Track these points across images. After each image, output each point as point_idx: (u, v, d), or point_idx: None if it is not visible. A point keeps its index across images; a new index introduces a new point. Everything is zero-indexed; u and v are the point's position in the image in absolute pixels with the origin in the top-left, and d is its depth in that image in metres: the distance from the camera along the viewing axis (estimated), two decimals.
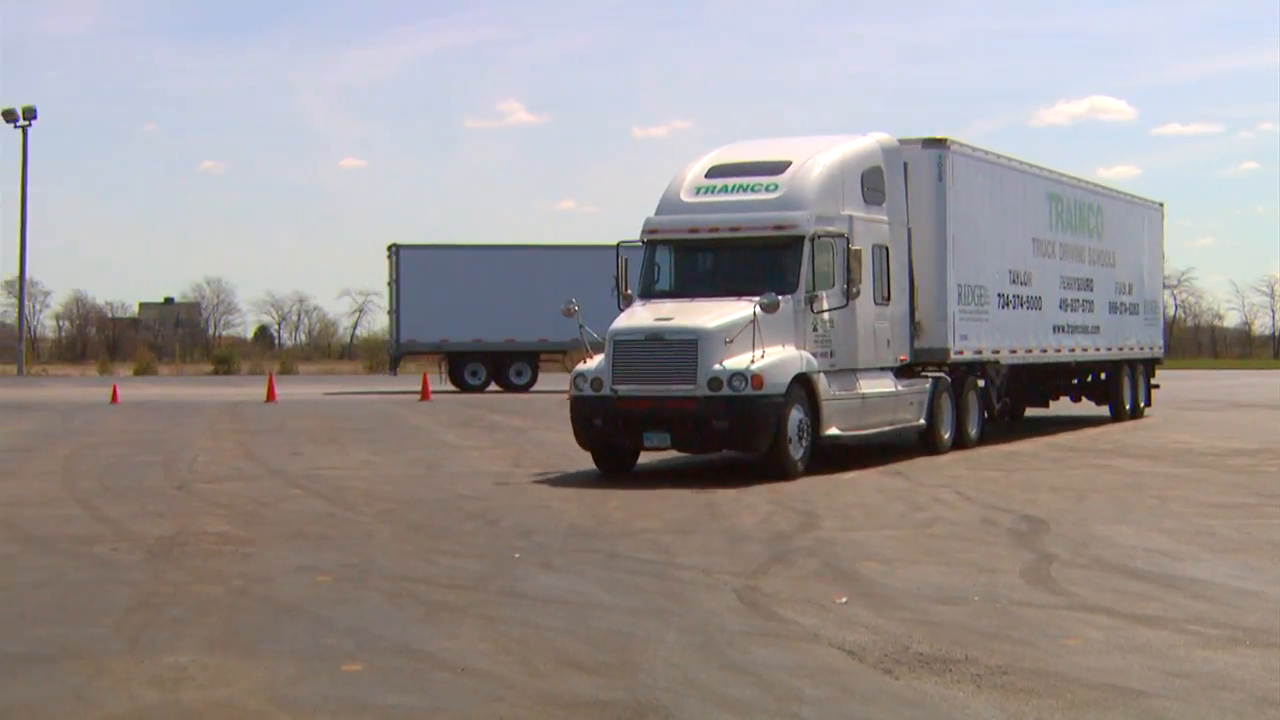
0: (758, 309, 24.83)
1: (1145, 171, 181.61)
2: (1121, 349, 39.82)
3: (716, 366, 24.58)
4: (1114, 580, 14.39)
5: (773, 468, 25.01)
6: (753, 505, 20.89)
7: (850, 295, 26.67)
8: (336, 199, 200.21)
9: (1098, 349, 38.22)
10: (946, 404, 30.46)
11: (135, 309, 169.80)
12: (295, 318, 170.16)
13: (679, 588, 14.11)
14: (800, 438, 25.31)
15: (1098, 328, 38.17)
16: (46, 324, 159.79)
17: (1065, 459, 28.65)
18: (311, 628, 12.30)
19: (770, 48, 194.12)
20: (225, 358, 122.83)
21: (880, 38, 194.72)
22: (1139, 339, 41.26)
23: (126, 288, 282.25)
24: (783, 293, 25.82)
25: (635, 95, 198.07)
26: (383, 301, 74.67)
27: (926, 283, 29.88)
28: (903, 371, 29.44)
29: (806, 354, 25.87)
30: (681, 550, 16.45)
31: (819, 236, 26.46)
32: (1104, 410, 40.63)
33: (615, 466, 26.27)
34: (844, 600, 13.33)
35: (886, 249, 28.59)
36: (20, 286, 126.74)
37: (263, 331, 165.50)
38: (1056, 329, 35.43)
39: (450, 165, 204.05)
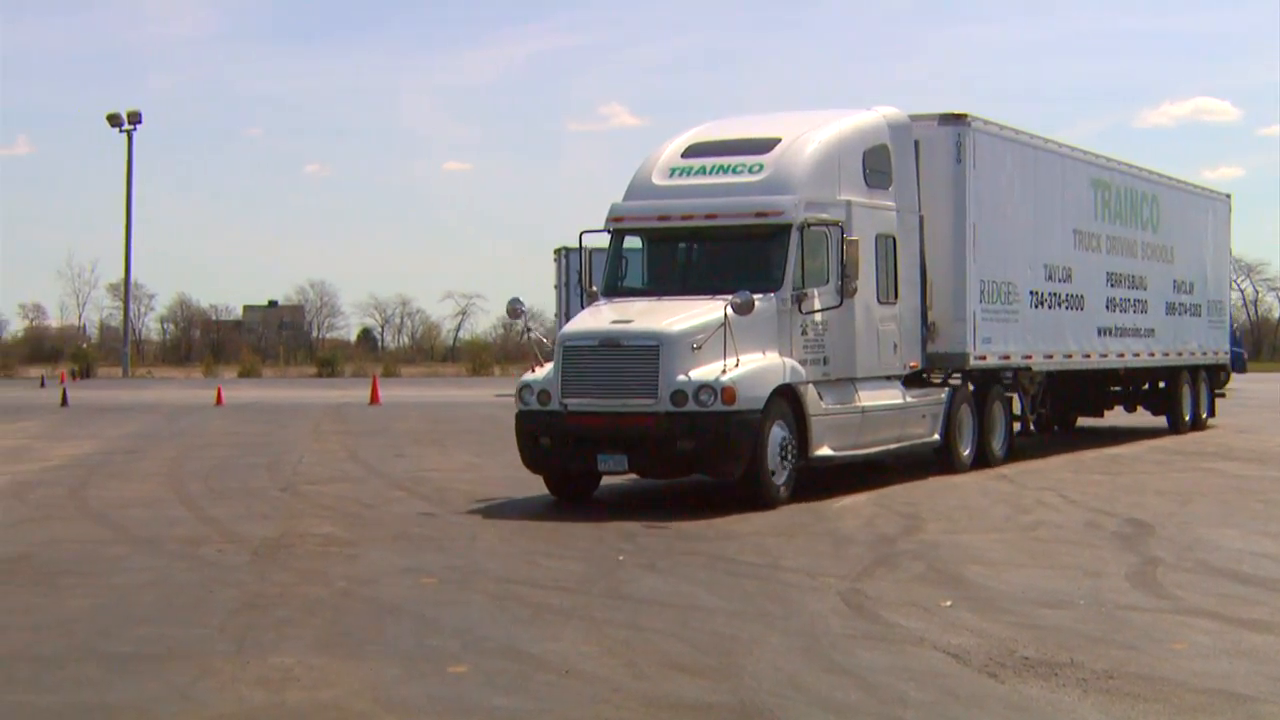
0: (729, 310, 19.89)
1: (1249, 172, 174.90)
2: (1180, 354, 34.34)
3: (681, 377, 19.90)
4: (1220, 584, 14.01)
5: (748, 495, 20.36)
6: (856, 508, 20.21)
7: (846, 293, 21.70)
8: (440, 202, 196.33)
9: (1151, 354, 32.78)
10: (967, 417, 25.39)
11: (239, 312, 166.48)
12: (398, 320, 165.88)
13: (783, 590, 13.78)
14: (783, 460, 20.59)
15: (1152, 330, 32.77)
16: (151, 327, 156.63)
17: (1170, 462, 27.12)
18: (416, 629, 12.05)
19: (872, 49, 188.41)
20: (328, 360, 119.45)
21: (982, 39, 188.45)
22: (1201, 343, 35.77)
23: (231, 290, 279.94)
24: (765, 290, 21.14)
25: (737, 97, 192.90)
26: (486, 304, 69.93)
27: (942, 279, 24.81)
28: (914, 380, 24.37)
29: (792, 361, 21.07)
30: (785, 553, 16.10)
31: (809, 225, 21.59)
32: (1162, 421, 35.39)
33: (571, 492, 21.42)
34: (949, 603, 12.96)
35: (893, 239, 23.54)
36: (126, 290, 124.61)
37: (366, 334, 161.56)
38: (1102, 331, 30.14)
39: (553, 168, 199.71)
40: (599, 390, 20.41)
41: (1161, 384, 34.75)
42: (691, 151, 22.78)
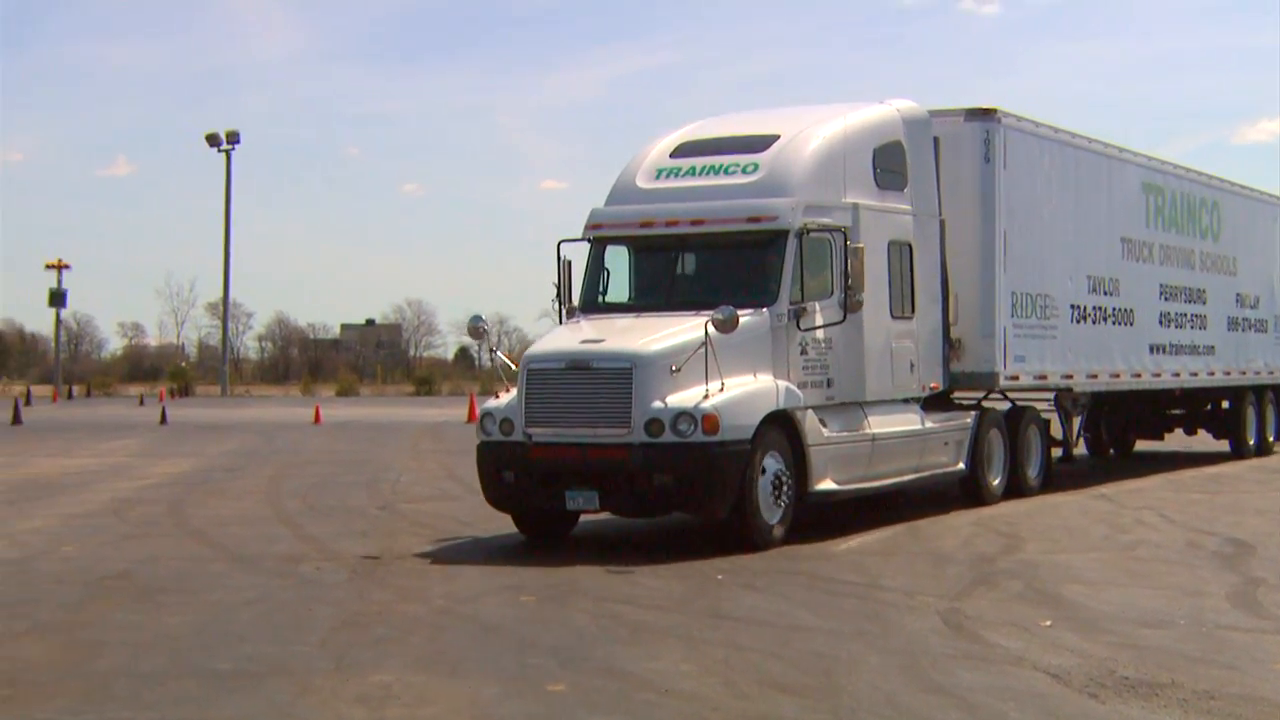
0: (710, 327, 16.81)
1: None
2: (1244, 373, 30.69)
3: (657, 404, 16.94)
4: None
5: (736, 536, 17.33)
6: (955, 527, 19.31)
7: (850, 307, 18.53)
8: (537, 220, 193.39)
9: (1211, 373, 29.21)
10: (996, 443, 22.08)
11: (337, 330, 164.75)
12: (496, 339, 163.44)
13: (882, 610, 13.36)
14: (777, 496, 17.58)
15: (1211, 347, 29.19)
16: (249, 345, 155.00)
17: (1271, 480, 26.05)
18: (515, 647, 11.70)
19: (970, 66, 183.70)
20: (426, 379, 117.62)
21: (1082, 57, 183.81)
22: (1267, 361, 32.05)
23: (328, 309, 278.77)
24: (758, 304, 18.15)
25: None
26: None
27: (968, 291, 21.53)
28: (935, 403, 21.06)
29: (788, 384, 18.02)
30: (884, 572, 15.62)
31: (809, 231, 18.47)
32: (1225, 446, 31.69)
33: (543, 530, 18.36)
34: (1048, 623, 12.58)
35: (909, 247, 20.30)
36: (224, 308, 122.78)
37: (463, 353, 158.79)
38: (1154, 349, 26.67)
39: None
40: (566, 419, 17.43)
41: (1225, 405, 31.08)
42: (681, 151, 19.68)
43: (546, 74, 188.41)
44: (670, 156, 19.59)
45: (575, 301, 19.51)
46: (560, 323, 19.45)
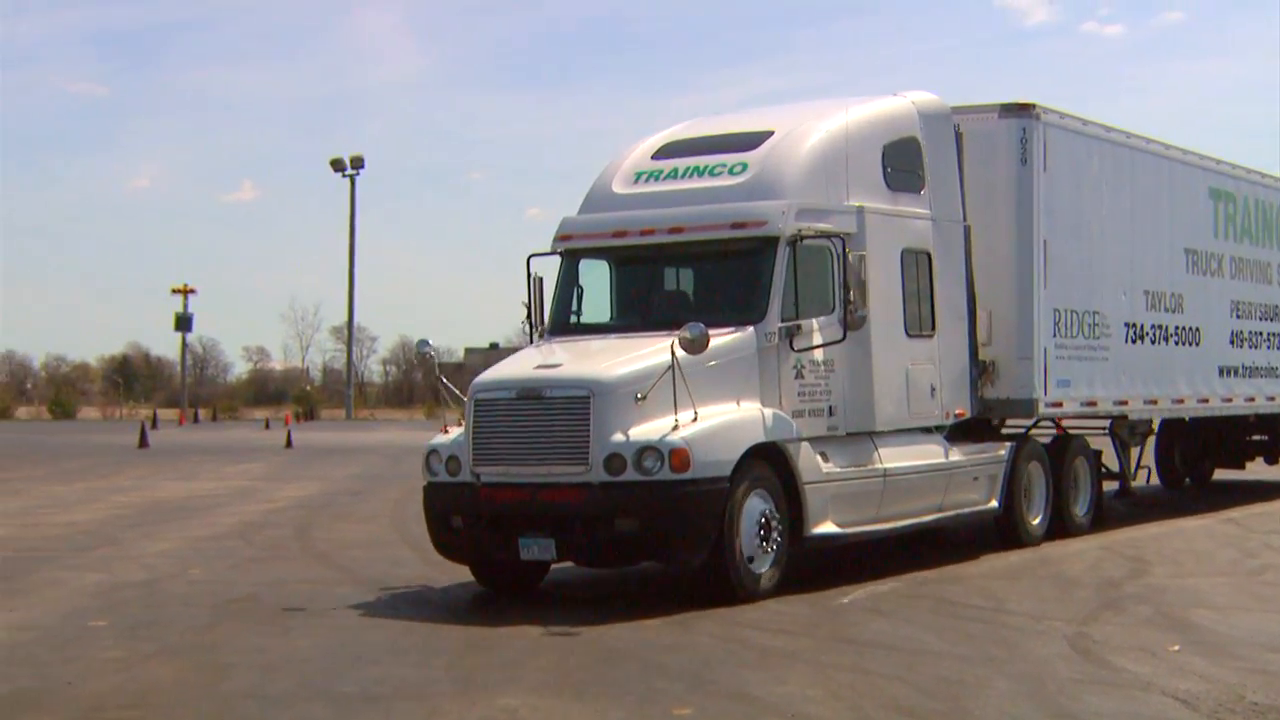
0: (677, 348, 13.87)
1: None
2: None
3: (618, 437, 14.14)
4: None
5: (716, 589, 14.46)
6: (1080, 551, 18.25)
7: (850, 323, 15.40)
8: None
9: None
10: (1037, 477, 18.88)
11: (460, 354, 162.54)
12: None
13: (1009, 634, 12.70)
14: (764, 540, 14.67)
15: None
16: (374, 369, 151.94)
17: None
18: (642, 671, 11.27)
19: (1094, 86, 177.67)
20: None
21: (1210, 75, 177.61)
22: None
23: (452, 333, 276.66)
24: (744, 321, 15.28)
25: None
26: None
27: (1003, 306, 18.38)
28: (962, 432, 17.87)
29: (777, 412, 15.12)
30: (1010, 596, 14.84)
31: (803, 238, 15.47)
32: None
33: (505, 581, 15.53)
34: (1176, 648, 11.90)
35: (927, 256, 17.21)
36: (349, 332, 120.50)
37: None
38: (1225, 371, 23.20)
39: None
40: (517, 455, 14.60)
41: None
42: (664, 152, 16.73)
43: (673, 96, 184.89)
44: (652, 158, 16.66)
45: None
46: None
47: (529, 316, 16.59)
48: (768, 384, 15.11)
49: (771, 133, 16.24)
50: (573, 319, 16.35)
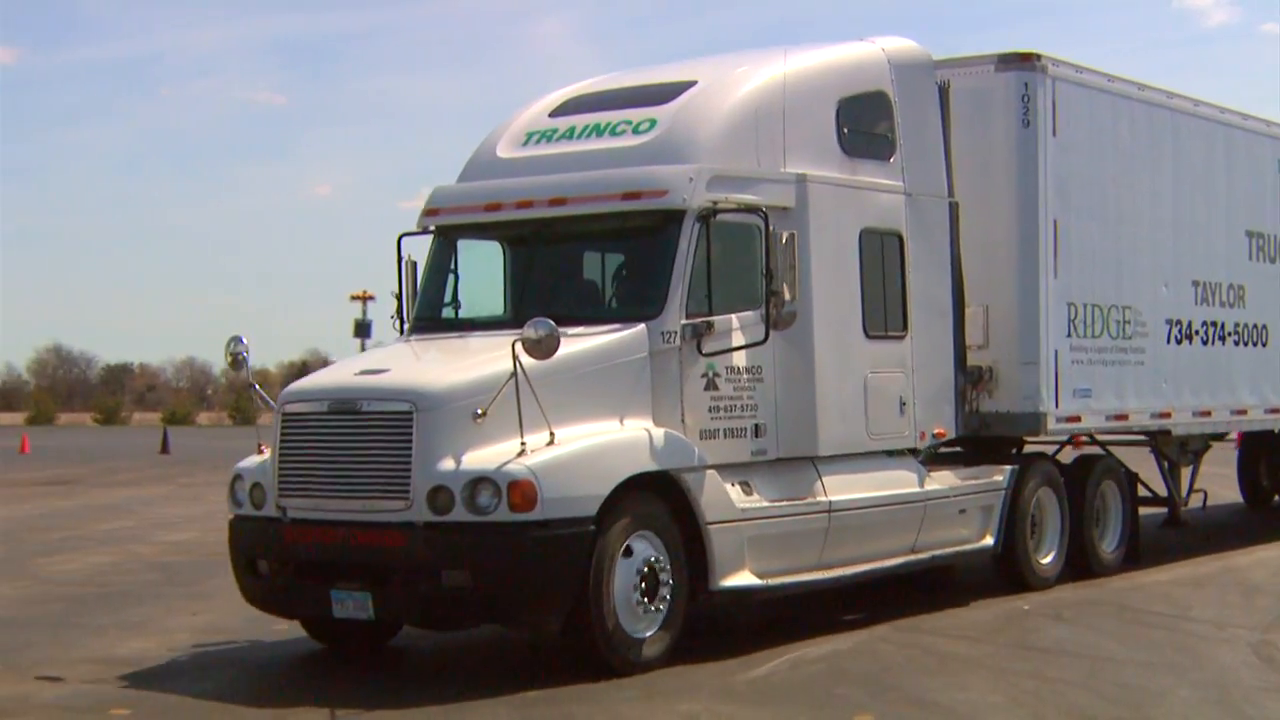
0: (519, 350, 9.93)
1: None
2: None
3: (447, 465, 10.26)
4: None
5: (581, 655, 10.69)
6: (1265, 559, 16.68)
7: (776, 321, 11.23)
8: None
9: None
10: (1049, 507, 14.69)
11: None
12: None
13: (1191, 641, 11.88)
14: (649, 597, 10.81)
15: None
16: None
17: None
18: (824, 676, 10.57)
19: (1276, 87, 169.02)
20: None
21: None
22: None
23: None
24: (635, 317, 11.24)
25: None
26: None
27: (1002, 300, 14.27)
28: (947, 457, 13.72)
29: (673, 432, 11.19)
30: (1193, 603, 13.72)
31: (716, 212, 11.31)
32: None
33: (345, 635, 11.59)
34: None
35: (897, 238, 13.07)
36: None
37: None
38: None
39: None
40: (329, 485, 10.82)
41: None
42: (565, 108, 12.78)
43: None
44: (550, 116, 12.72)
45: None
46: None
47: (399, 310, 12.67)
48: (664, 396, 11.17)
49: (693, 84, 12.20)
50: (446, 312, 12.41)
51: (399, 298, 12.65)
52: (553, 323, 10.22)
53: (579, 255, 12.19)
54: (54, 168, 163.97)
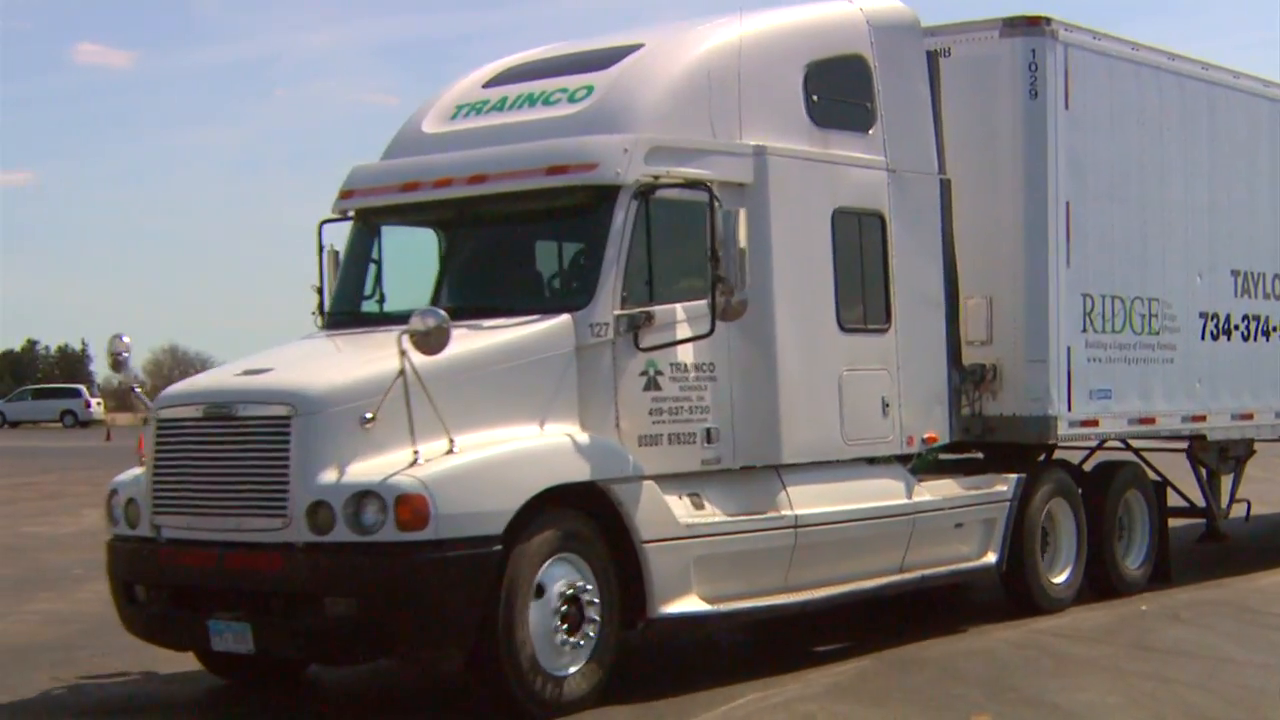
0: (406, 345, 8.15)
1: None
2: None
3: (328, 477, 8.68)
4: None
5: (491, 700, 9.08)
6: None
7: (724, 310, 9.45)
8: None
9: None
10: (1062, 519, 12.88)
11: None
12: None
13: None
14: (573, 629, 9.24)
15: None
16: None
17: None
18: (938, 676, 10.20)
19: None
20: None
21: None
22: None
23: None
24: (561, 308, 9.73)
25: None
26: None
27: (1006, 290, 12.48)
28: (947, 465, 11.98)
29: (602, 438, 9.50)
30: None
31: (657, 188, 9.61)
32: None
33: (231, 664, 9.98)
34: None
35: (879, 219, 11.28)
36: None
37: None
38: None
39: None
40: (205, 501, 9.25)
41: None
42: (500, 78, 11.14)
43: None
44: (483, 87, 11.08)
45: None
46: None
47: (320, 305, 11.06)
48: (595, 397, 9.51)
49: (638, 47, 10.50)
50: (369, 306, 10.76)
51: (320, 291, 11.04)
52: (443, 313, 8.62)
53: (505, 239, 10.53)
54: (170, 170, 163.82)
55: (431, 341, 8.58)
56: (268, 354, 10.05)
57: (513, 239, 10.45)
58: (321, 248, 11.02)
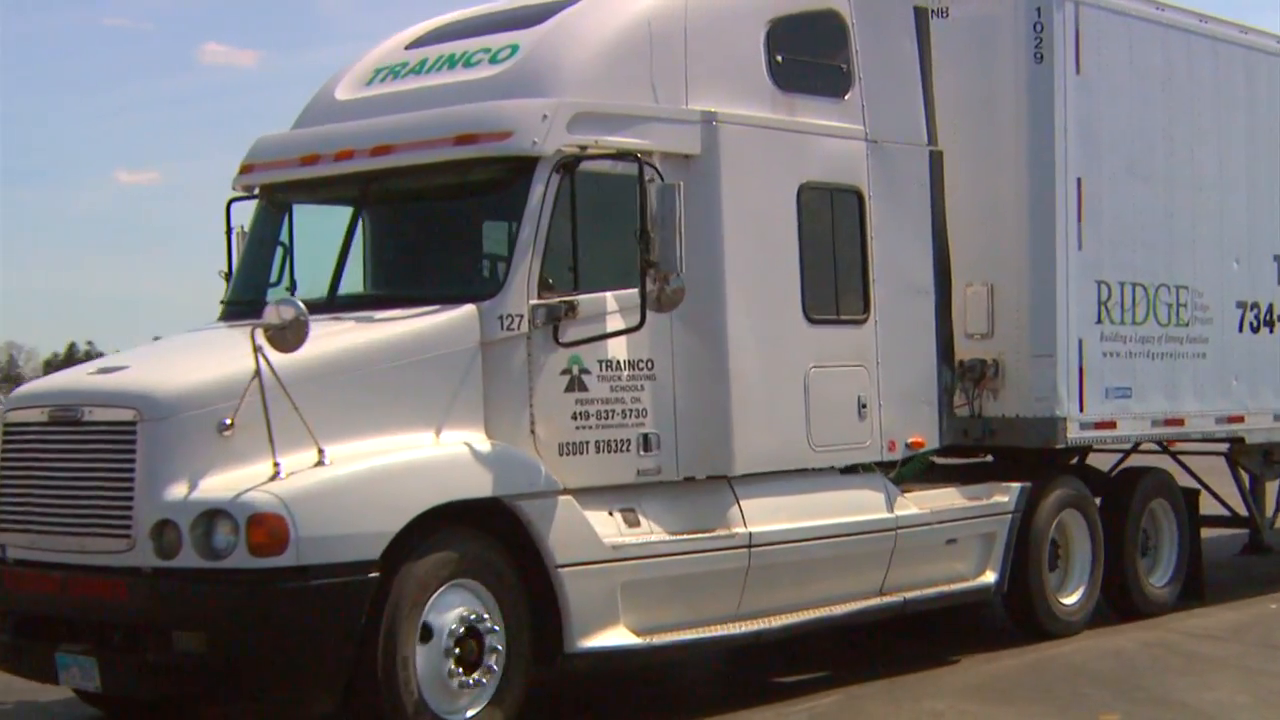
0: (260, 341, 6.66)
1: None
2: None
3: (175, 492, 7.23)
4: None
5: None
6: None
7: (656, 299, 7.88)
8: None
9: None
10: (1076, 534, 11.21)
11: None
12: None
13: None
14: (470, 668, 7.65)
15: None
16: None
17: None
18: (1067, 675, 9.75)
19: None
20: None
21: None
22: None
23: None
24: (464, 296, 8.06)
25: None
26: None
27: (1008, 276, 10.81)
28: (953, 472, 10.39)
29: (509, 448, 7.93)
30: None
31: (581, 160, 8.00)
32: None
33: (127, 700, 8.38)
34: None
35: (856, 196, 9.62)
36: None
37: None
38: None
39: None
40: (49, 517, 7.82)
41: None
42: (425, 39, 9.65)
43: None
44: (406, 49, 9.52)
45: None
46: None
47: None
48: (504, 400, 8.00)
49: (573, 2, 8.93)
50: (273, 293, 9.25)
51: (228, 277, 9.59)
52: (301, 305, 7.16)
53: (412, 218, 9.01)
54: None
55: (288, 337, 7.11)
56: (139, 349, 8.64)
57: (420, 218, 8.93)
58: (230, 229, 9.57)
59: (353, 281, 9.08)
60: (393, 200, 8.88)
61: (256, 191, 9.37)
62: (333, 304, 8.47)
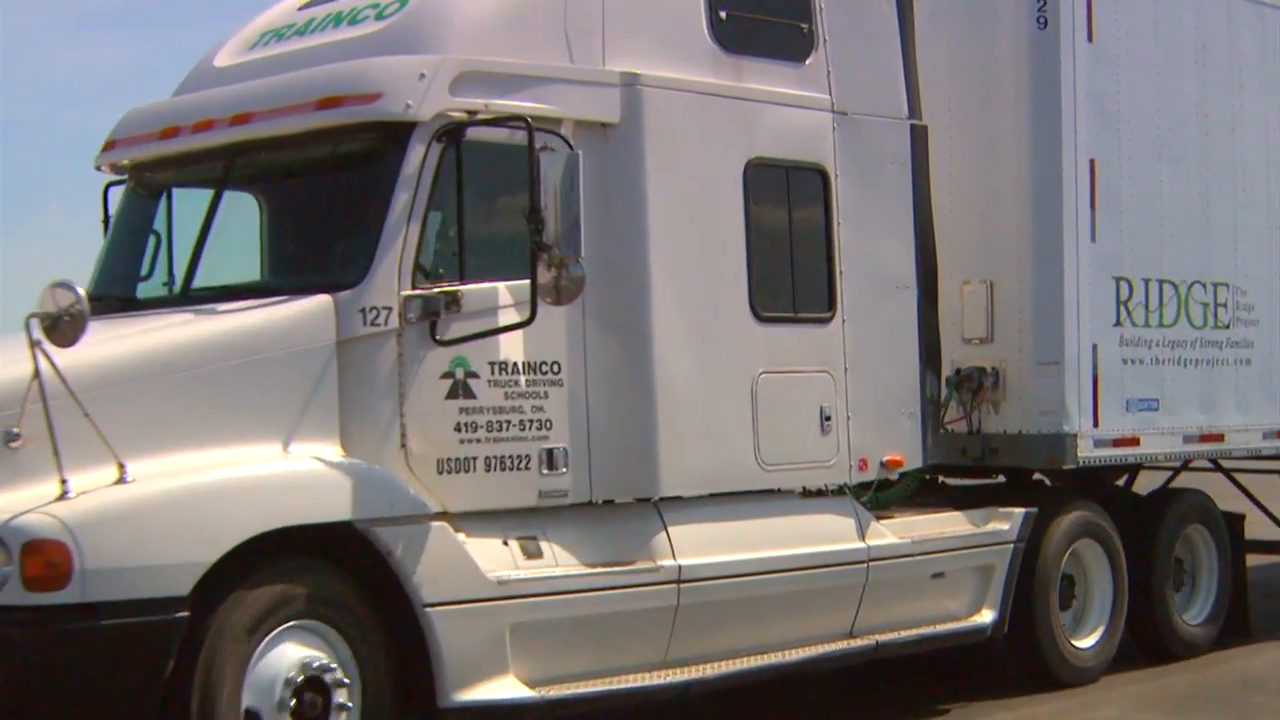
0: (37, 333, 5.45)
1: None
2: None
3: None
4: None
5: None
6: None
7: (552, 289, 6.35)
8: None
9: None
10: (1095, 566, 9.39)
11: None
12: None
13: None
14: None
15: None
16: None
17: None
18: (1238, 685, 9.19)
19: None
20: None
21: None
22: None
23: None
24: (323, 285, 6.57)
25: None
26: None
27: (1010, 273, 9.06)
28: (948, 497, 8.74)
29: (360, 465, 6.43)
30: None
31: (467, 127, 6.43)
32: None
33: None
34: None
35: (819, 175, 7.93)
36: None
37: None
38: None
39: None
40: None
41: None
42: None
43: None
44: (299, 9, 8.02)
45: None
46: None
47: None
48: (368, 408, 6.53)
49: None
50: (145, 288, 7.80)
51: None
52: (80, 290, 5.70)
53: (274, 195, 7.51)
54: None
55: (64, 328, 5.68)
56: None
57: (285, 197, 7.45)
58: (107, 216, 8.17)
59: (245, 273, 7.68)
60: (259, 177, 7.42)
61: (105, 167, 7.95)
62: (187, 297, 7.05)
